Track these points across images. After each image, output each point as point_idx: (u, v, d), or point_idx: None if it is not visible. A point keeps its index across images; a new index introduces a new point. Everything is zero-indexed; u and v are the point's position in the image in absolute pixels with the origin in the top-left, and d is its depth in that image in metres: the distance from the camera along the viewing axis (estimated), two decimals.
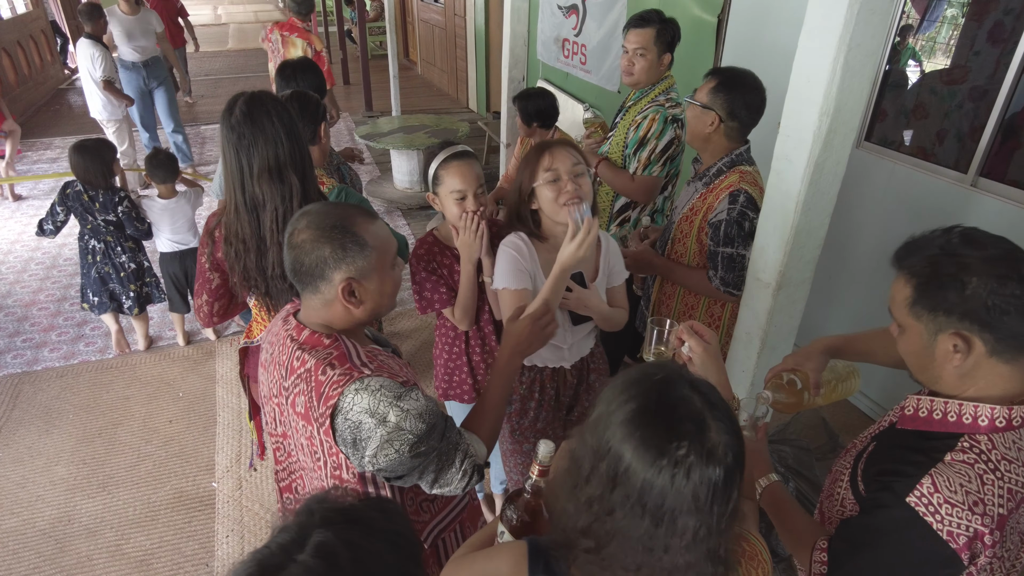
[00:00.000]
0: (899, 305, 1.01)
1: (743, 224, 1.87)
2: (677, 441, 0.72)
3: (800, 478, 2.21)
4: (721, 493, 0.73)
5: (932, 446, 0.98)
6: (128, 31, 5.20)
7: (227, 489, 2.62)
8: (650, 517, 0.73)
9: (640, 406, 0.75)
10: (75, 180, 3.04)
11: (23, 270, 4.30)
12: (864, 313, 3.00)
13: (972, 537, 0.90)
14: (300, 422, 1.11)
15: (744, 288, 1.95)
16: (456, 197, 1.70)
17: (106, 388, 3.19)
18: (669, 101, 2.35)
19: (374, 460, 1.06)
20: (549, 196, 1.56)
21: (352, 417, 1.05)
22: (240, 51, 12.45)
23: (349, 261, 1.10)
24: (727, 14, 3.39)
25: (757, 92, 1.89)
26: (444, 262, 1.83)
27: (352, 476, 1.12)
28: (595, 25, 4.60)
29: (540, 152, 1.58)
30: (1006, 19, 2.42)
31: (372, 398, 1.05)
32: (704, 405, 0.75)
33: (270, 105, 1.50)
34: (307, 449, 1.13)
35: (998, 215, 2.37)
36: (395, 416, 1.05)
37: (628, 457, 0.73)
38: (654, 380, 0.78)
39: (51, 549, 2.36)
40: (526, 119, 3.11)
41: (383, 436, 1.05)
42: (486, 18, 7.36)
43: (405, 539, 0.71)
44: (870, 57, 1.59)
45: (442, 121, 5.78)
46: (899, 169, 2.79)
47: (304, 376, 1.09)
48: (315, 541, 0.64)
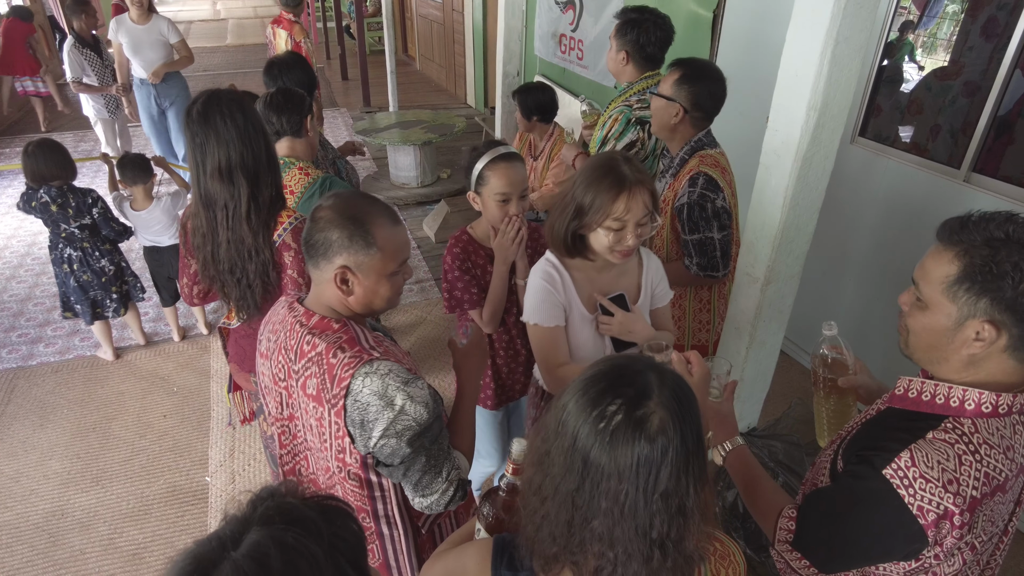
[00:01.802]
0: (934, 281, 0.97)
1: (704, 206, 1.84)
2: (612, 397, 0.76)
3: (790, 473, 2.21)
4: (646, 465, 0.74)
5: (916, 426, 0.99)
6: (135, 43, 4.55)
7: (220, 483, 2.63)
8: (578, 470, 0.76)
9: (598, 371, 0.80)
10: (37, 190, 2.88)
11: (19, 265, 4.31)
12: (857, 309, 3.00)
13: (941, 515, 0.91)
14: (311, 403, 1.16)
15: (726, 268, 1.94)
16: (499, 199, 1.65)
17: (100, 383, 3.20)
18: (640, 103, 2.29)
19: (379, 443, 1.11)
20: (605, 243, 1.41)
21: (362, 399, 1.09)
22: (239, 47, 12.42)
23: (351, 252, 1.14)
24: (723, 9, 3.38)
25: (719, 83, 1.90)
26: (478, 262, 1.78)
27: (354, 460, 1.16)
28: (592, 20, 4.59)
29: (616, 190, 1.37)
30: (1000, 14, 2.41)
31: (381, 381, 1.09)
32: (658, 385, 0.77)
33: (226, 106, 1.51)
34: (316, 430, 1.18)
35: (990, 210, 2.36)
36: (401, 400, 1.10)
37: (570, 408, 0.79)
38: (623, 356, 0.83)
39: (44, 543, 2.37)
40: (526, 113, 3.11)
41: (389, 419, 1.09)
42: (484, 13, 7.35)
43: (345, 542, 0.70)
44: (858, 51, 1.59)
45: (440, 117, 5.77)
46: (893, 165, 2.78)
47: (315, 359, 1.14)
48: (250, 540, 0.64)
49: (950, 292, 0.95)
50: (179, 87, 4.84)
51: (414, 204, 5.35)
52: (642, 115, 2.28)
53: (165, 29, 4.62)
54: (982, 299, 0.92)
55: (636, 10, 2.27)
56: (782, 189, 1.77)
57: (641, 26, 2.23)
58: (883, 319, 2.87)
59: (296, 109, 2.06)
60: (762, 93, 2.00)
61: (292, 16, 4.64)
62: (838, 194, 2.38)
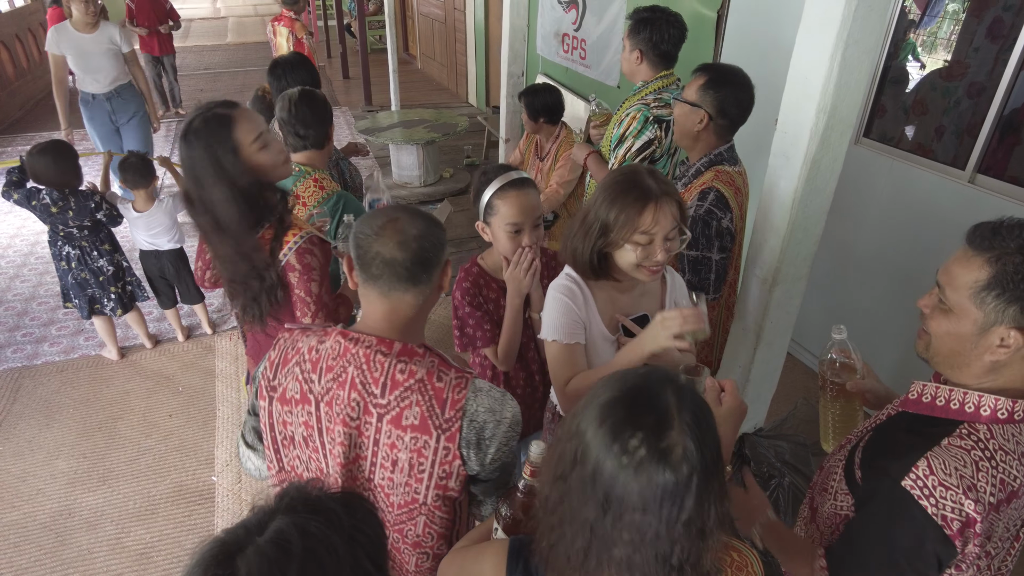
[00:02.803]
0: (961, 286, 0.96)
1: (709, 223, 1.77)
2: (632, 430, 0.73)
3: (796, 473, 2.22)
4: (670, 497, 0.72)
5: (930, 432, 0.98)
6: (82, 54, 4.00)
7: (227, 483, 2.64)
8: (599, 501, 0.74)
9: (614, 396, 0.77)
10: (40, 191, 2.86)
11: (23, 264, 4.31)
12: (861, 309, 3.01)
13: (964, 523, 0.90)
14: (408, 435, 1.09)
15: (717, 292, 1.88)
16: (511, 230, 1.54)
17: (106, 383, 3.20)
18: (657, 102, 2.29)
19: (494, 459, 1.11)
20: (632, 260, 1.33)
21: (479, 418, 1.09)
22: (239, 45, 12.41)
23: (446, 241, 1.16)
24: (727, 9, 3.38)
25: (747, 89, 1.85)
26: (490, 296, 1.68)
27: (457, 484, 1.12)
28: (595, 20, 4.58)
29: (642, 204, 1.30)
30: (1005, 15, 2.42)
31: (488, 398, 1.10)
32: (678, 408, 0.75)
33: (204, 139, 1.44)
34: (405, 463, 1.11)
35: (996, 212, 2.33)
36: (509, 412, 1.11)
37: (589, 437, 0.76)
38: (640, 376, 0.79)
39: (52, 542, 2.37)
40: (532, 115, 3.10)
41: (504, 434, 1.10)
42: (486, 12, 7.34)
43: (365, 535, 0.72)
44: (868, 54, 1.60)
45: (442, 115, 5.77)
46: (897, 166, 2.79)
47: (416, 387, 1.08)
48: (274, 527, 0.67)
49: (978, 298, 0.94)
50: (136, 102, 4.35)
51: (417, 203, 5.35)
52: (659, 114, 2.28)
53: (117, 37, 4.12)
54: (1012, 306, 0.91)
55: (649, 9, 2.27)
56: (791, 191, 1.77)
57: (654, 24, 2.22)
58: (887, 320, 2.88)
59: (324, 119, 2.03)
60: (767, 94, 2.00)
61: (293, 14, 4.64)
62: (842, 195, 2.37)
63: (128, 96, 4.30)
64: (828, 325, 1.37)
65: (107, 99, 4.21)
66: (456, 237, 4.74)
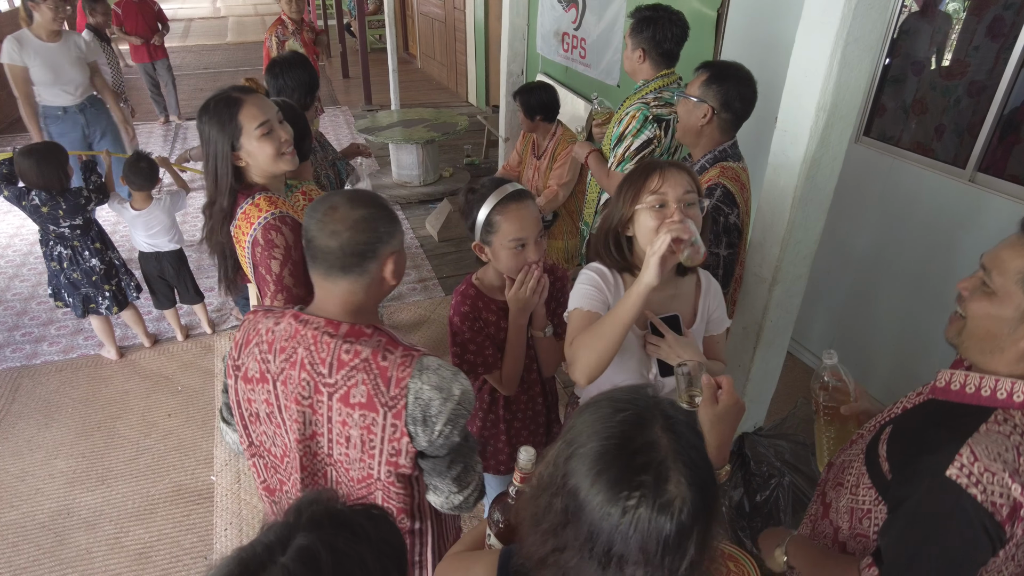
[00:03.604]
0: (1010, 271, 0.96)
1: (716, 219, 1.77)
2: (629, 491, 0.69)
3: (797, 473, 2.21)
4: (673, 547, 0.69)
5: (962, 421, 0.98)
6: (52, 64, 3.74)
7: (225, 483, 2.63)
8: (598, 560, 0.71)
9: (602, 447, 0.72)
10: (30, 191, 2.84)
11: (22, 264, 4.31)
12: (859, 308, 3.01)
13: (1012, 508, 0.89)
14: (356, 412, 1.12)
15: (726, 288, 1.86)
16: (515, 246, 1.45)
17: (105, 382, 3.20)
18: (658, 100, 2.29)
19: (439, 435, 1.12)
20: (650, 224, 1.30)
21: (424, 395, 1.10)
22: (239, 44, 12.41)
23: (399, 235, 1.18)
24: (727, 8, 3.38)
25: (750, 84, 1.87)
26: (490, 318, 1.58)
27: (408, 461, 1.14)
28: (595, 19, 4.58)
29: (647, 172, 1.32)
30: (1006, 14, 2.41)
31: (436, 375, 1.11)
32: (670, 451, 0.71)
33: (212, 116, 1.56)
34: (357, 440, 1.15)
35: (996, 211, 2.37)
36: (458, 389, 1.11)
37: (582, 496, 0.71)
38: (624, 417, 0.74)
39: (50, 542, 2.37)
40: (529, 113, 3.10)
41: (451, 410, 1.11)
42: (485, 11, 7.34)
43: (390, 547, 0.71)
44: (868, 52, 1.59)
45: (441, 115, 5.76)
46: (897, 164, 2.78)
47: (361, 367, 1.11)
48: (298, 544, 0.63)
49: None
50: (107, 116, 4.16)
51: (416, 203, 5.35)
52: (659, 113, 2.28)
53: (83, 45, 3.92)
54: None
55: (651, 8, 2.27)
56: (791, 189, 1.76)
57: (657, 23, 2.23)
58: (885, 318, 2.87)
59: (300, 132, 2.00)
60: (767, 92, 1.99)
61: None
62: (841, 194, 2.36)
63: (99, 107, 4.11)
64: (828, 324, 1.38)
65: (80, 111, 3.95)
66: (456, 237, 4.73)
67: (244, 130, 1.54)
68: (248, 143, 1.56)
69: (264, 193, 1.62)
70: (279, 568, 0.61)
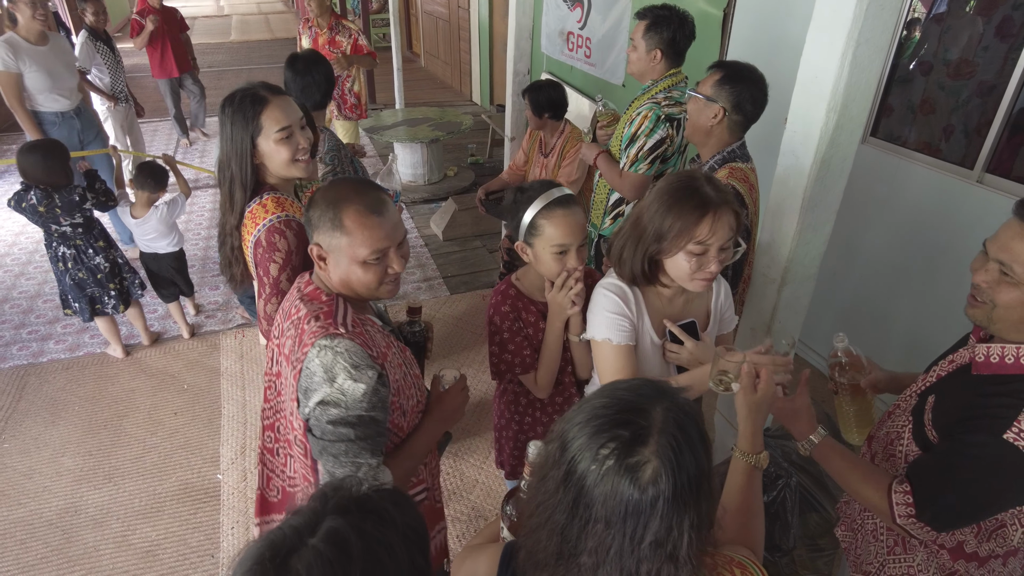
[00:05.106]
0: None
1: None
2: (607, 439, 0.73)
3: (803, 472, 2.21)
4: (633, 515, 0.70)
5: (1014, 388, 1.05)
6: (47, 68, 3.61)
7: (232, 481, 2.64)
8: (568, 504, 0.74)
9: (605, 400, 0.78)
10: (28, 192, 2.82)
11: (28, 262, 4.32)
12: (867, 308, 3.00)
13: None
14: (285, 362, 1.24)
15: (737, 287, 1.90)
16: (557, 251, 1.46)
17: (111, 380, 3.21)
18: (668, 100, 2.30)
19: (312, 414, 1.15)
20: (686, 268, 1.30)
21: (311, 367, 1.14)
22: (243, 43, 12.42)
23: (321, 232, 1.22)
24: (733, 8, 3.38)
25: (762, 87, 1.88)
26: (529, 319, 1.60)
27: (299, 425, 1.23)
28: (600, 18, 4.58)
29: (700, 212, 1.26)
30: (1015, 14, 2.40)
31: (332, 356, 1.14)
32: (660, 425, 0.73)
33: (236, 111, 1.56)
34: (288, 387, 1.25)
35: (1004, 211, 2.34)
36: (342, 379, 1.13)
37: (569, 437, 0.77)
38: (633, 384, 0.79)
39: (58, 539, 2.38)
40: (537, 111, 3.10)
41: (325, 394, 1.13)
42: (490, 10, 7.34)
43: (415, 532, 0.72)
44: (878, 52, 1.59)
45: (446, 114, 5.76)
46: (905, 165, 2.78)
47: (296, 322, 1.22)
48: (327, 527, 0.65)
49: None
50: (97, 120, 4.13)
51: (421, 202, 5.35)
52: (671, 112, 2.28)
53: (68, 47, 3.84)
54: None
55: (664, 8, 2.29)
56: (800, 190, 1.76)
57: (671, 23, 2.25)
58: (893, 319, 2.87)
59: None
60: (774, 93, 1.99)
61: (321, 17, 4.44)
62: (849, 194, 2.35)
63: (89, 111, 4.09)
64: (835, 325, 1.41)
65: (75, 115, 3.88)
66: (460, 236, 4.74)
67: (264, 131, 1.55)
68: (265, 144, 1.57)
69: (272, 193, 1.62)
70: (310, 550, 0.63)
